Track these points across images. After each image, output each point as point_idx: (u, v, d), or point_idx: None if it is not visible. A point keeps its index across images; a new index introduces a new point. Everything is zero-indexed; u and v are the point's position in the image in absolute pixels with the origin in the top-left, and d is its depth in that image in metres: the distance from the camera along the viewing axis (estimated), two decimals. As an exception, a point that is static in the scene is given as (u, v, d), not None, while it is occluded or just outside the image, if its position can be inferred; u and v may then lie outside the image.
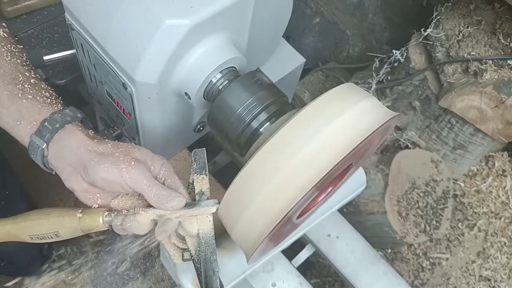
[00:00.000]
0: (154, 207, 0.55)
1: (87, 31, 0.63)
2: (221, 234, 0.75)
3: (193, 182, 0.59)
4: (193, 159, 0.60)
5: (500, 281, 1.11)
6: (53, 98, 0.58)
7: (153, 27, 0.56)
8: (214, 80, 0.63)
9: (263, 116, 0.62)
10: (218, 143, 0.96)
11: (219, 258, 0.75)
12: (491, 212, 1.15)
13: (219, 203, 0.56)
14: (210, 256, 0.56)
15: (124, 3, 0.57)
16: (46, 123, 0.55)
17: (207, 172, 0.59)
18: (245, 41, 0.69)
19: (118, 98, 0.68)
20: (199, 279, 0.58)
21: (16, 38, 0.64)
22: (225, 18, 0.60)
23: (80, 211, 0.56)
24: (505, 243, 1.13)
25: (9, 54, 0.59)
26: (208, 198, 0.58)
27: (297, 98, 1.35)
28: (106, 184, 0.54)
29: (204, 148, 0.60)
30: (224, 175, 0.99)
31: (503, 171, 1.18)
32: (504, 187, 1.17)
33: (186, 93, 0.63)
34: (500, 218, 1.15)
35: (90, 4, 0.61)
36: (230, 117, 0.62)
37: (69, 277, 1.31)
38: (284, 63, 0.92)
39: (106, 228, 0.56)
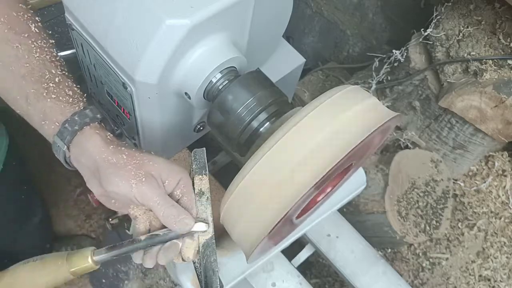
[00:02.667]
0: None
1: (87, 31, 0.63)
2: (221, 234, 0.75)
3: (193, 182, 0.59)
4: (193, 159, 0.60)
5: (500, 281, 1.11)
6: (75, 97, 0.58)
7: (153, 27, 0.56)
8: (214, 80, 0.63)
9: (263, 116, 0.62)
10: (218, 143, 0.96)
11: (219, 258, 0.75)
12: (491, 212, 1.15)
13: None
14: (210, 256, 0.56)
15: (124, 3, 0.58)
16: (66, 125, 0.55)
17: (207, 172, 0.59)
18: (245, 41, 0.69)
19: (118, 98, 0.68)
20: (199, 279, 0.58)
21: (49, 32, 0.64)
22: (225, 18, 0.60)
23: (66, 257, 0.53)
24: (505, 243, 1.14)
25: (38, 50, 0.59)
26: (208, 199, 0.58)
27: (297, 98, 1.35)
28: (117, 197, 0.54)
29: (204, 148, 0.60)
30: (224, 175, 0.99)
31: (503, 171, 1.18)
32: (504, 187, 1.17)
33: (186, 93, 0.63)
34: (500, 218, 1.15)
35: (90, 4, 0.61)
36: (230, 117, 0.62)
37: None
38: (284, 63, 0.92)
39: (98, 267, 0.54)
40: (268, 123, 0.62)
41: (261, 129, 0.62)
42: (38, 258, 0.54)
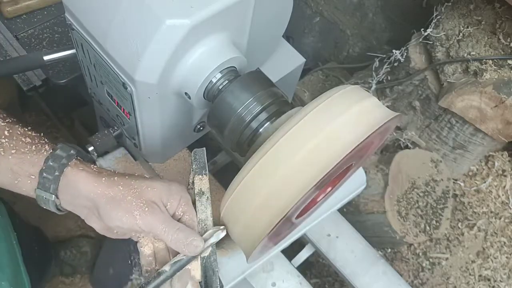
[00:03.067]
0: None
1: (87, 31, 0.63)
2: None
3: (193, 182, 0.59)
4: (193, 159, 0.60)
5: (500, 280, 1.11)
6: (36, 142, 0.54)
7: (153, 27, 0.56)
8: (214, 80, 0.63)
9: (263, 116, 0.62)
10: (218, 143, 0.96)
11: (219, 258, 0.75)
12: (491, 212, 1.15)
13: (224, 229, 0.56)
14: (210, 256, 0.56)
15: (124, 3, 0.57)
16: (44, 174, 0.52)
17: (207, 172, 0.59)
18: (245, 41, 0.69)
19: (118, 98, 0.68)
20: (199, 279, 0.58)
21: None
22: (225, 18, 0.60)
23: None
24: (505, 242, 1.14)
25: None
26: (208, 199, 0.58)
27: (297, 98, 1.35)
28: (122, 231, 0.53)
29: (204, 148, 0.60)
30: (224, 175, 0.99)
31: (503, 171, 1.18)
32: (504, 186, 1.17)
33: (186, 93, 0.63)
34: (500, 218, 1.15)
35: (90, 4, 0.61)
36: (230, 117, 0.62)
37: (70, 278, 1.32)
38: (284, 63, 0.92)
39: None
40: (268, 123, 0.62)
41: (261, 129, 0.62)
42: None
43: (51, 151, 0.53)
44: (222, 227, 0.56)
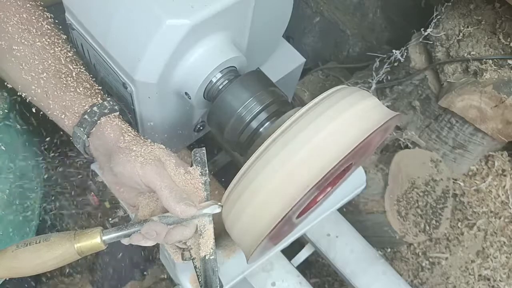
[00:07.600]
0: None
1: (87, 31, 0.63)
2: (220, 233, 0.75)
3: (193, 181, 0.59)
4: (193, 159, 0.60)
5: (500, 280, 1.11)
6: (93, 90, 0.61)
7: (153, 27, 0.56)
8: (214, 80, 0.63)
9: (263, 115, 0.62)
10: (218, 143, 0.96)
11: (219, 258, 0.75)
12: (491, 211, 1.15)
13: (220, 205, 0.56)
14: (210, 256, 0.56)
15: (124, 3, 0.58)
16: (86, 116, 0.58)
17: (207, 171, 0.59)
18: (245, 41, 0.69)
19: (118, 98, 0.68)
20: (198, 278, 0.58)
21: (60, 27, 0.65)
22: (225, 18, 0.61)
23: (73, 237, 0.52)
24: (504, 242, 1.14)
25: (52, 46, 0.61)
26: (207, 197, 0.58)
27: (297, 98, 1.35)
28: (124, 179, 0.55)
29: (204, 148, 0.60)
30: (224, 175, 1.00)
31: (503, 170, 1.18)
32: (504, 186, 1.17)
33: (186, 93, 0.63)
34: (499, 218, 1.15)
35: (90, 4, 0.61)
36: (230, 117, 0.62)
37: (69, 278, 1.32)
38: (284, 63, 0.92)
39: (106, 247, 0.54)
40: (268, 122, 0.62)
41: (261, 129, 0.62)
42: (42, 239, 0.52)
43: (101, 101, 0.60)
44: (219, 203, 0.56)
